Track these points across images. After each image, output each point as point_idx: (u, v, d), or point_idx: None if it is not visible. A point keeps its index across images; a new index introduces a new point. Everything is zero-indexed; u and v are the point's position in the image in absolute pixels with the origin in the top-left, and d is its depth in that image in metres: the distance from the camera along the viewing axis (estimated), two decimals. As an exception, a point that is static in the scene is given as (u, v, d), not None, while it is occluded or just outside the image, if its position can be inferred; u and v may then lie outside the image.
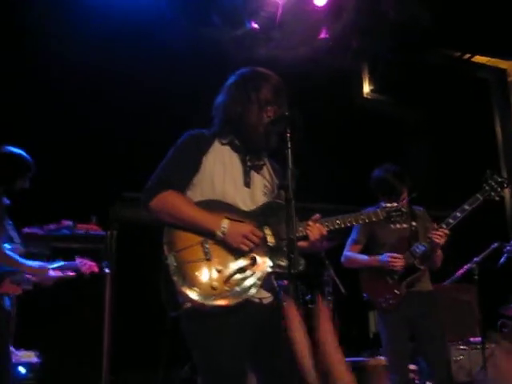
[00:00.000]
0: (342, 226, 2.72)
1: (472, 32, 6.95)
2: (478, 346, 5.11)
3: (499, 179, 3.95)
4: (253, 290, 2.48)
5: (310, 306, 5.63)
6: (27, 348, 4.05)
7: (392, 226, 3.76)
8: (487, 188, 3.95)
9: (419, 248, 3.97)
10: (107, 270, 4.84)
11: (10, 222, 3.94)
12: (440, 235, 3.89)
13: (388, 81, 7.80)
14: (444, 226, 3.94)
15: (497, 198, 3.96)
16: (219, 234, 2.46)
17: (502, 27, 6.79)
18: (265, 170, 2.79)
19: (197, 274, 2.41)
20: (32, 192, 5.52)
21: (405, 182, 4.21)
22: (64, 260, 4.54)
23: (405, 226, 4.02)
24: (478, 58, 7.94)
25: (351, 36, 6.98)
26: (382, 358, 4.87)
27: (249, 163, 2.72)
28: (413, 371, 4.83)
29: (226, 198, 2.59)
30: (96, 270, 4.30)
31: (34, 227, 4.82)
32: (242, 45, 6.63)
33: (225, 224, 2.47)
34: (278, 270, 2.56)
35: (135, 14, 6.13)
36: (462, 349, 5.26)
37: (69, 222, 4.91)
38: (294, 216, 2.35)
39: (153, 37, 6.31)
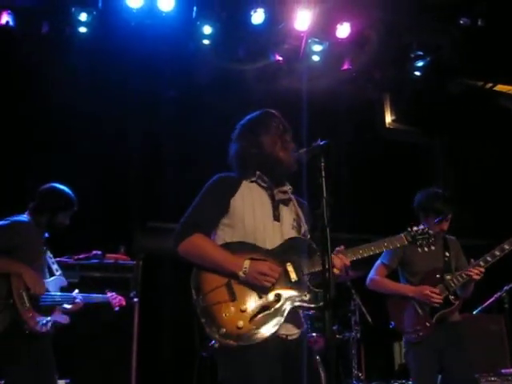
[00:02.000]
0: (365, 255, 2.76)
1: (494, 61, 6.98)
2: (510, 378, 5.02)
3: None
4: (277, 327, 2.53)
5: (337, 336, 5.62)
6: (58, 377, 4.08)
7: (419, 249, 3.71)
8: None
9: (454, 283, 3.89)
10: (135, 299, 4.87)
11: (51, 256, 4.03)
12: (477, 273, 3.83)
13: (410, 110, 7.84)
14: (482, 264, 3.87)
15: None
16: (241, 274, 2.55)
17: (524, 56, 6.82)
18: (292, 204, 2.87)
19: (223, 314, 2.51)
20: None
21: (452, 206, 4.17)
22: (93, 290, 4.62)
23: (433, 248, 3.92)
24: (501, 87, 7.95)
25: (374, 67, 7.06)
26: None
27: (276, 198, 2.81)
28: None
29: (257, 235, 2.68)
30: (124, 303, 4.36)
31: (64, 256, 4.90)
32: (265, 77, 6.75)
33: (246, 265, 2.56)
34: (301, 304, 2.61)
35: (159, 48, 6.30)
36: (493, 380, 5.15)
37: (98, 252, 4.99)
38: (329, 245, 2.38)
39: (177, 70, 6.47)
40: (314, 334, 5.42)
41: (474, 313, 4.87)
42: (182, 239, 2.66)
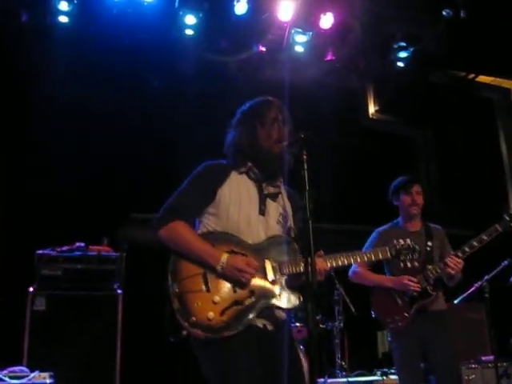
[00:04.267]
0: (346, 263, 2.76)
1: (476, 52, 7.03)
2: (490, 365, 5.10)
3: None
4: (248, 323, 2.54)
5: (320, 325, 5.67)
6: (41, 369, 4.06)
7: (402, 264, 3.51)
8: (507, 219, 3.92)
9: (432, 273, 3.90)
10: (119, 291, 4.85)
11: None
12: (455, 264, 3.84)
13: (393, 101, 7.87)
14: (460, 255, 3.89)
15: None
16: (218, 268, 2.55)
17: (506, 47, 6.87)
18: (280, 199, 2.86)
19: (195, 303, 2.51)
20: (44, 214, 5.63)
21: (415, 178, 4.26)
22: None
23: (416, 264, 3.89)
24: (483, 78, 8.02)
25: (357, 57, 7.07)
26: (394, 377, 4.86)
27: (265, 191, 2.80)
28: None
29: (240, 228, 2.67)
30: None
31: (47, 249, 4.87)
32: (249, 67, 6.73)
33: (224, 259, 2.56)
34: (274, 304, 2.61)
35: (141, 38, 6.26)
36: (474, 367, 5.23)
37: (81, 244, 4.96)
38: (311, 238, 2.39)
39: (160, 60, 6.42)
40: (297, 324, 5.46)
41: (456, 302, 4.92)
42: (163, 225, 2.65)
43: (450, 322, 4.10)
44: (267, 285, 2.61)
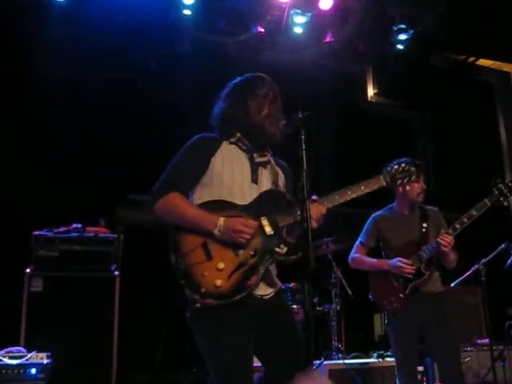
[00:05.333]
0: (341, 201, 2.74)
1: (476, 36, 6.98)
2: (486, 348, 5.13)
3: (510, 184, 3.86)
4: (255, 282, 2.55)
5: (317, 308, 5.69)
6: (38, 349, 4.07)
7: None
8: (496, 193, 3.87)
9: (425, 252, 3.94)
10: (116, 273, 4.85)
11: None
12: (446, 241, 3.83)
13: (392, 84, 7.83)
14: (451, 232, 3.87)
15: (505, 204, 3.89)
16: (216, 232, 2.55)
17: (506, 31, 6.82)
18: (271, 166, 2.87)
19: (201, 274, 2.52)
20: (41, 195, 5.61)
21: (421, 167, 4.10)
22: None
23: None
24: (483, 62, 7.97)
25: (356, 40, 7.02)
26: (390, 359, 4.89)
27: (256, 160, 2.79)
28: (420, 372, 4.85)
29: (234, 195, 2.68)
30: None
31: (44, 230, 4.86)
32: (247, 48, 6.68)
33: (221, 222, 2.55)
34: (278, 257, 2.61)
35: (138, 18, 6.19)
36: (470, 350, 5.26)
37: (78, 225, 4.94)
38: (309, 216, 2.38)
39: (158, 40, 6.37)
40: (294, 306, 5.47)
41: (452, 285, 4.94)
42: (160, 197, 2.64)
43: (447, 303, 4.11)
44: (267, 240, 2.61)
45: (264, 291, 2.67)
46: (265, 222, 2.63)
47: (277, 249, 2.60)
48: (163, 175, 2.72)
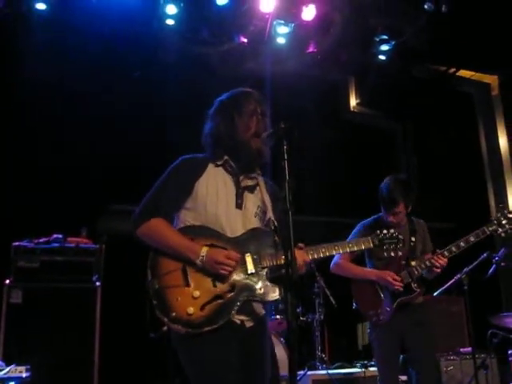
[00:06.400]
0: (327, 254, 2.73)
1: (457, 47, 7.06)
2: (469, 357, 5.15)
3: (509, 215, 3.88)
4: (228, 317, 2.51)
5: (301, 318, 5.67)
6: (17, 363, 4.00)
7: (385, 254, 3.64)
8: (495, 222, 3.90)
9: (418, 270, 3.90)
10: (98, 283, 4.80)
11: None
12: (441, 263, 3.86)
13: (374, 94, 7.88)
14: (446, 254, 3.90)
15: (503, 235, 3.91)
16: (198, 262, 2.53)
17: (486, 43, 6.91)
18: (258, 191, 2.82)
19: (175, 299, 2.49)
20: (21, 205, 5.54)
21: (402, 192, 4.03)
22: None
23: (399, 254, 3.87)
24: (463, 73, 8.06)
25: (339, 50, 7.06)
26: (374, 369, 4.89)
27: (242, 184, 2.76)
28: (403, 382, 4.85)
29: (218, 221, 2.64)
30: None
31: (24, 240, 4.79)
32: (230, 58, 6.68)
33: (203, 252, 2.53)
34: (255, 298, 2.59)
35: (121, 28, 6.17)
36: (453, 359, 5.29)
37: (59, 235, 4.88)
38: (291, 229, 2.35)
39: (141, 49, 6.35)
40: (278, 316, 5.45)
41: (435, 294, 4.95)
42: (141, 223, 2.62)
43: (428, 314, 4.13)
44: (248, 278, 2.58)
45: (243, 317, 2.62)
46: (249, 259, 2.61)
47: (255, 289, 2.58)
48: (145, 200, 2.69)
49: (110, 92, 6.14)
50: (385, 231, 2.85)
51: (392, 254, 3.03)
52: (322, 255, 2.71)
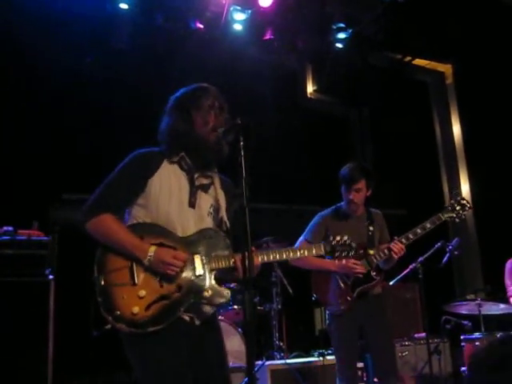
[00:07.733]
0: (278, 259, 2.72)
1: (413, 36, 7.13)
2: (422, 342, 5.27)
3: (462, 202, 4.01)
4: (173, 318, 2.47)
5: (258, 307, 5.67)
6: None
7: (336, 261, 3.84)
8: (449, 209, 4.00)
9: (376, 258, 3.94)
10: (51, 277, 4.66)
11: None
12: (398, 249, 3.89)
13: (332, 81, 7.90)
14: (403, 241, 3.94)
15: (457, 220, 4.04)
16: (146, 261, 2.48)
17: (441, 32, 7.00)
18: (212, 190, 2.76)
19: (120, 297, 2.44)
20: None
21: (363, 171, 4.10)
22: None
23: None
24: (418, 61, 8.16)
25: (296, 37, 7.03)
26: (331, 357, 4.93)
27: (196, 183, 2.70)
28: (360, 369, 4.93)
29: (169, 220, 2.58)
30: None
31: (-28, 234, 4.62)
32: (186, 45, 6.57)
33: (151, 252, 2.48)
34: (202, 301, 2.55)
35: (75, 9, 5.97)
36: (407, 345, 5.40)
37: (9, 228, 4.72)
38: (248, 227, 2.32)
39: (93, 33, 6.17)
40: (235, 307, 5.44)
41: (391, 283, 5.03)
42: (90, 218, 2.54)
43: (385, 303, 4.19)
44: (195, 280, 2.54)
45: (191, 317, 2.58)
46: (197, 260, 2.57)
47: (203, 291, 2.54)
48: (95, 194, 2.60)
49: (61, 78, 5.95)
50: (338, 238, 2.81)
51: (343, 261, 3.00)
52: (272, 259, 2.69)
